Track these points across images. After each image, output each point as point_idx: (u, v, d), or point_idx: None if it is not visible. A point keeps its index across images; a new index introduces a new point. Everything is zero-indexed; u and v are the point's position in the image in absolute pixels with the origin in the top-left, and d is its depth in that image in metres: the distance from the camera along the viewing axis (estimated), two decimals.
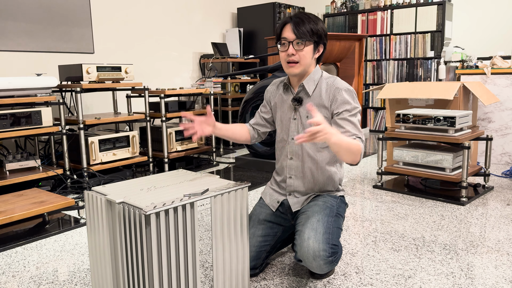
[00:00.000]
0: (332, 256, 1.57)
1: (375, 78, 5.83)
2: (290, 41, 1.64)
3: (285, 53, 1.67)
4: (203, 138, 3.91)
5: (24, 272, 1.90)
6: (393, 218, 2.49)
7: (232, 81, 4.64)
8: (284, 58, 1.69)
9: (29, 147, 3.32)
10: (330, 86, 1.71)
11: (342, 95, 1.67)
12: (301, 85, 1.74)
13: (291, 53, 1.65)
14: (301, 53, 1.65)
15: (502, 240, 2.13)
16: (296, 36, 1.63)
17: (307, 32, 1.63)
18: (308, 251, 1.55)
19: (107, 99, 3.88)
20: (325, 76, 1.76)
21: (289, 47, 1.65)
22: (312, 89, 1.73)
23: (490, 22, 5.24)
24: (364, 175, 3.52)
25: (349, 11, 5.96)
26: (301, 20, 1.64)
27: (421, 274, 1.79)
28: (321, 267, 1.57)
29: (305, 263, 1.59)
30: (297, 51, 1.65)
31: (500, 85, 3.68)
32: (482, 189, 2.97)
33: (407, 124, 2.90)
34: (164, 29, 4.44)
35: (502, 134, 3.70)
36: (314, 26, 1.64)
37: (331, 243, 1.58)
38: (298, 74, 1.71)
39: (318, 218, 1.64)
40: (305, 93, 1.74)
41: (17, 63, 3.28)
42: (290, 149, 1.80)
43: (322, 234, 1.58)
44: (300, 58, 1.66)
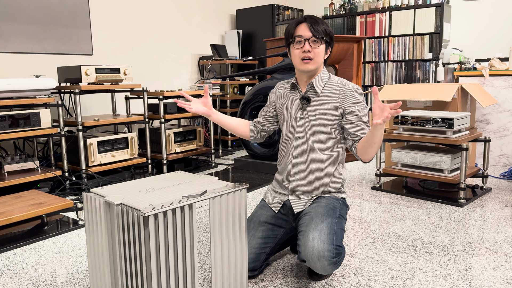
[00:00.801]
0: (336, 257, 1.58)
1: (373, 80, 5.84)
2: (307, 39, 1.69)
3: (300, 50, 1.71)
4: (202, 140, 3.91)
5: (23, 274, 1.90)
6: (391, 219, 2.49)
7: (231, 82, 4.64)
8: (298, 55, 1.72)
9: (28, 148, 3.32)
10: (340, 87, 1.75)
11: (354, 95, 1.72)
12: (310, 84, 1.77)
13: (307, 49, 1.70)
14: (316, 50, 1.70)
15: (500, 242, 2.13)
16: (313, 34, 1.68)
17: (322, 32, 1.70)
18: (313, 252, 1.55)
19: (106, 101, 3.89)
20: (333, 77, 1.80)
21: (305, 43, 1.69)
22: (321, 88, 1.76)
23: (488, 24, 5.26)
24: (362, 177, 3.52)
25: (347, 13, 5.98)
26: (315, 21, 1.71)
27: (419, 276, 1.79)
28: (325, 267, 1.57)
29: (309, 264, 1.60)
30: (312, 48, 1.70)
31: (498, 87, 3.69)
32: (480, 191, 2.98)
33: (406, 125, 2.90)
34: (163, 30, 4.44)
35: (500, 136, 3.71)
36: (327, 28, 1.73)
37: (335, 244, 1.59)
38: (311, 71, 1.74)
39: (322, 219, 1.65)
40: (314, 92, 1.77)
41: (16, 65, 3.28)
42: (295, 147, 1.80)
43: (326, 235, 1.58)
44: (315, 55, 1.71)
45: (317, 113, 1.75)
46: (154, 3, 4.33)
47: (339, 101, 1.73)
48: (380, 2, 5.73)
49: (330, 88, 1.75)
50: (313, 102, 1.76)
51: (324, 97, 1.75)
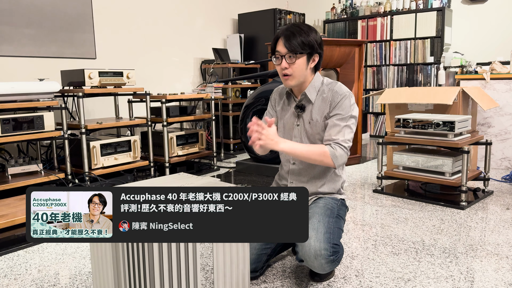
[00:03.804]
0: (333, 255, 1.59)
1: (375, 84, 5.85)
2: (283, 55, 1.69)
3: (279, 67, 1.73)
4: (204, 143, 3.93)
5: (26, 275, 1.92)
6: (393, 222, 2.50)
7: (232, 86, 4.66)
8: (279, 71, 1.75)
9: (31, 151, 3.34)
10: (330, 92, 1.75)
11: (339, 100, 1.72)
12: (303, 94, 1.78)
13: (284, 67, 1.70)
14: (293, 66, 1.69)
15: (502, 244, 2.14)
16: (288, 50, 1.67)
17: (298, 45, 1.66)
18: (310, 250, 1.57)
19: (108, 104, 3.91)
20: (326, 82, 1.79)
21: (282, 60, 1.70)
22: (314, 96, 1.77)
23: (489, 28, 5.27)
24: (364, 180, 3.53)
25: (349, 17, 6.00)
26: (292, 33, 1.67)
27: (420, 278, 1.80)
28: (322, 266, 1.59)
29: (307, 263, 1.61)
30: (289, 64, 1.69)
31: (500, 90, 3.70)
32: (481, 194, 2.98)
33: (407, 129, 2.91)
34: (165, 34, 4.47)
35: (501, 139, 3.71)
36: (306, 38, 1.67)
37: (332, 242, 1.60)
38: (293, 86, 1.76)
39: (319, 218, 1.67)
40: (307, 100, 1.78)
41: (20, 68, 3.31)
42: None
43: (323, 234, 1.60)
44: (293, 70, 1.70)
45: (311, 120, 1.78)
46: (157, 8, 4.36)
47: (328, 108, 1.74)
48: (381, 6, 5.75)
49: (322, 95, 1.77)
50: (307, 109, 1.79)
51: (317, 104, 1.77)
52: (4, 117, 2.59)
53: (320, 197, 1.83)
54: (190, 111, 3.86)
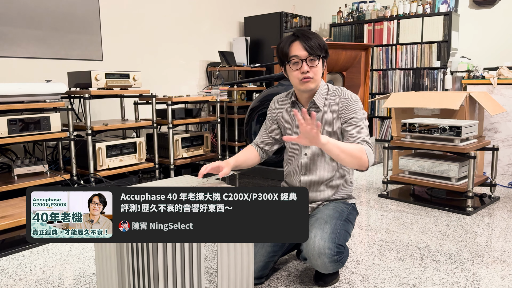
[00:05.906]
0: (337, 255, 1.59)
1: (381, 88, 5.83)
2: (303, 59, 1.64)
3: (298, 71, 1.66)
4: (209, 146, 3.93)
5: (31, 276, 1.92)
6: (398, 227, 2.48)
7: (238, 89, 4.66)
8: (296, 76, 1.67)
9: (37, 152, 3.35)
10: (338, 98, 1.74)
11: (350, 105, 1.71)
12: (311, 102, 1.75)
13: (305, 70, 1.64)
14: (315, 69, 1.66)
15: (508, 251, 2.11)
16: (309, 53, 1.63)
17: (317, 48, 1.64)
18: (314, 249, 1.57)
19: (115, 106, 3.92)
20: (331, 88, 1.78)
21: (303, 64, 1.64)
22: (323, 103, 1.75)
23: (496, 33, 5.24)
24: (369, 184, 3.51)
25: (355, 21, 5.99)
26: (307, 36, 1.64)
27: (426, 284, 1.78)
28: (325, 265, 1.58)
29: (310, 261, 1.61)
30: (311, 68, 1.65)
31: (507, 96, 3.67)
32: (488, 199, 2.96)
33: (413, 133, 2.90)
34: (172, 37, 4.48)
35: (508, 145, 3.68)
36: (321, 41, 1.66)
37: (337, 242, 1.60)
38: (313, 89, 1.72)
39: (326, 220, 1.67)
40: (316, 108, 1.76)
41: (27, 70, 3.33)
42: (303, 164, 1.82)
43: (328, 234, 1.60)
44: (315, 73, 1.67)
45: (323, 129, 1.75)
46: (164, 10, 4.38)
47: (338, 113, 1.72)
48: (388, 10, 5.74)
49: (330, 101, 1.75)
50: (316, 118, 1.77)
51: (326, 111, 1.75)
52: (11, 117, 2.60)
53: (331, 200, 1.83)
54: (195, 113, 3.86)
